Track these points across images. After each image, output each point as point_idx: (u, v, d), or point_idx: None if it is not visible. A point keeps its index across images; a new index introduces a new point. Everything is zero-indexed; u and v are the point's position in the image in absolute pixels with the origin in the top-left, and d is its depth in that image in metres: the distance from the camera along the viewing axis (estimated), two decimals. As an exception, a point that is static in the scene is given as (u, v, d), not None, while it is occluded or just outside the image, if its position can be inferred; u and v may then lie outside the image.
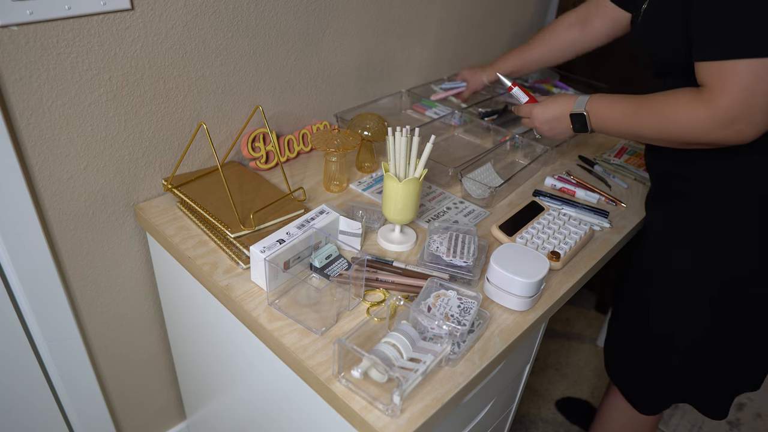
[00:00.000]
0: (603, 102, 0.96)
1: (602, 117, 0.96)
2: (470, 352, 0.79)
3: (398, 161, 0.92)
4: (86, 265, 1.02)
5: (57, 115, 0.87)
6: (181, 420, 1.42)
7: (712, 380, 1.07)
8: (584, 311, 2.11)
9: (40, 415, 1.11)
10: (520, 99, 1.16)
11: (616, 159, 1.30)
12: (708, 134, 0.80)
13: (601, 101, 0.96)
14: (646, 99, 0.89)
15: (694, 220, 0.97)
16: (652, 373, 1.11)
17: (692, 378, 1.07)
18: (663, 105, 0.85)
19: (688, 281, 1.00)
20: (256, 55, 1.09)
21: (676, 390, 1.11)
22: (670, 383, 1.10)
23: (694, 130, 0.81)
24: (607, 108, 0.95)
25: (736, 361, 1.04)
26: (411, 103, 1.49)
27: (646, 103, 0.88)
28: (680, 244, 1.00)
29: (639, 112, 0.89)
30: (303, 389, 0.80)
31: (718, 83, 0.76)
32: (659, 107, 0.86)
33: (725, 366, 1.04)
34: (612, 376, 1.21)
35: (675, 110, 0.83)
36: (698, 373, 1.06)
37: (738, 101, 0.75)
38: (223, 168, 1.11)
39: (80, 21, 0.83)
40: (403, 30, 1.38)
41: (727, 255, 0.94)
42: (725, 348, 1.02)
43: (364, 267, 0.87)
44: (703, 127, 0.80)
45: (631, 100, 0.91)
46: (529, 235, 0.99)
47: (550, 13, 1.88)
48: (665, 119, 0.85)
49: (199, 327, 1.04)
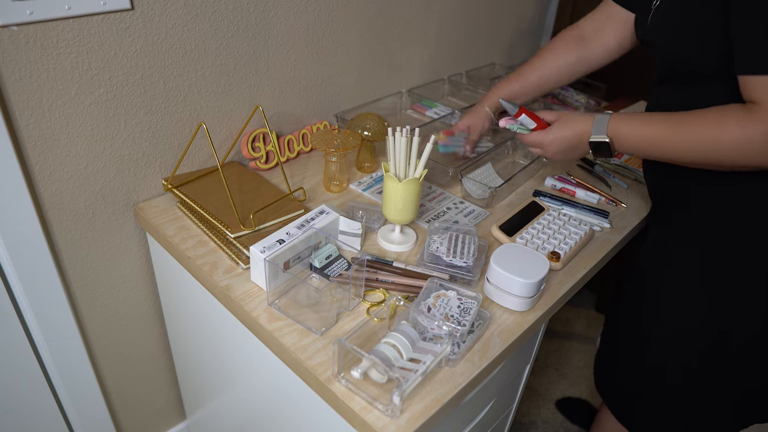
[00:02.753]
0: (628, 125, 0.85)
1: (629, 142, 0.85)
2: (470, 352, 0.79)
3: (398, 161, 0.92)
4: (86, 265, 1.02)
5: (57, 115, 0.87)
6: (181, 420, 1.42)
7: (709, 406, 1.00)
8: (584, 311, 2.11)
9: (40, 415, 1.11)
10: (528, 126, 0.98)
11: (616, 159, 1.30)
12: (762, 156, 0.72)
13: (625, 124, 0.85)
14: (682, 120, 0.79)
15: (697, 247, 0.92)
16: (644, 394, 1.05)
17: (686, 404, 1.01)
18: (705, 126, 0.76)
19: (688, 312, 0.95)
20: (256, 55, 1.09)
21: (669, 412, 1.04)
22: (664, 406, 1.04)
23: (748, 153, 0.73)
24: (635, 132, 0.84)
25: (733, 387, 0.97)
26: (411, 103, 1.49)
27: (684, 125, 0.79)
28: (681, 270, 0.95)
29: (675, 134, 0.79)
30: (303, 389, 0.79)
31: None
32: (701, 129, 0.76)
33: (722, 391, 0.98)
34: (603, 394, 1.16)
35: (722, 132, 0.74)
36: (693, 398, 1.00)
37: None
38: (223, 168, 1.11)
39: (80, 21, 0.83)
40: (403, 30, 1.38)
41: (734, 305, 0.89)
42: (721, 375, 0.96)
43: (364, 267, 0.87)
44: (759, 149, 0.72)
45: (663, 122, 0.81)
46: (529, 236, 0.99)
47: (550, 13, 1.88)
48: (710, 142, 0.76)
49: (199, 327, 1.04)
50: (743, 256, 0.87)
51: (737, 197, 0.85)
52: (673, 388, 1.00)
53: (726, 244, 0.89)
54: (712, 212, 0.89)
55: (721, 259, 0.90)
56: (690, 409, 1.01)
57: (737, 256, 0.88)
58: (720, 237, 0.89)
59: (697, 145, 0.77)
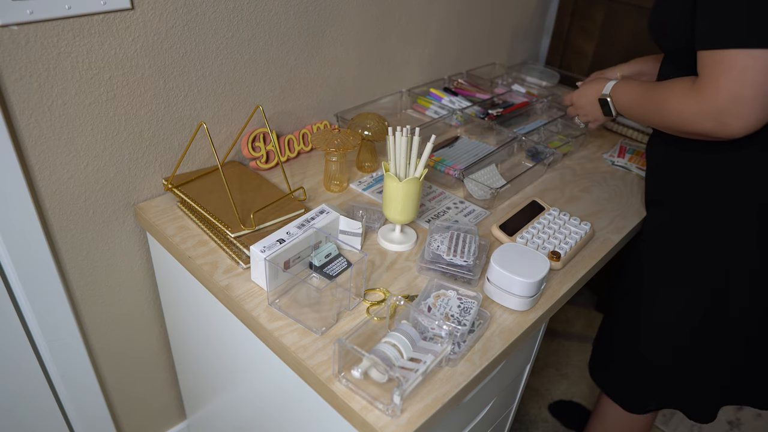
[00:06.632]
0: (622, 88, 0.99)
1: (620, 102, 0.99)
2: (470, 352, 0.79)
3: (398, 161, 0.92)
4: (86, 264, 1.02)
5: (57, 114, 0.87)
6: (181, 419, 1.42)
7: (699, 383, 1.05)
8: (584, 311, 2.11)
9: (40, 415, 1.11)
10: None
11: (620, 159, 1.30)
12: (696, 124, 0.80)
13: (621, 87, 0.99)
14: (652, 86, 0.90)
15: (687, 219, 0.96)
16: (635, 372, 1.10)
17: (678, 379, 1.06)
18: (662, 92, 0.86)
19: (682, 283, 0.99)
20: (256, 55, 1.09)
21: (660, 390, 1.10)
22: (654, 383, 1.09)
23: (685, 120, 0.81)
24: (624, 93, 0.98)
25: (723, 365, 1.02)
26: (411, 103, 1.49)
27: (651, 90, 0.89)
28: (675, 245, 0.99)
29: (644, 98, 0.91)
30: (303, 389, 0.79)
31: (709, 73, 0.76)
32: (659, 94, 0.87)
33: (712, 369, 1.03)
34: (593, 373, 1.22)
35: (670, 98, 0.84)
36: (685, 374, 1.05)
37: (724, 92, 0.73)
38: (224, 168, 1.11)
39: (80, 20, 0.83)
40: (403, 30, 1.38)
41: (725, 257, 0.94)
42: (713, 351, 1.01)
43: (364, 266, 0.87)
44: (692, 117, 0.80)
45: (641, 87, 0.93)
46: (529, 235, 0.99)
47: (550, 14, 1.88)
48: (663, 106, 0.85)
49: (199, 327, 1.04)
50: (732, 223, 0.92)
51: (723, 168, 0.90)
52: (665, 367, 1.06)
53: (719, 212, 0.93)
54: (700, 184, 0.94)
55: (711, 228, 0.94)
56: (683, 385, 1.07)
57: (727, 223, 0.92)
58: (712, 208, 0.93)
59: (656, 110, 0.88)
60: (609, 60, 1.77)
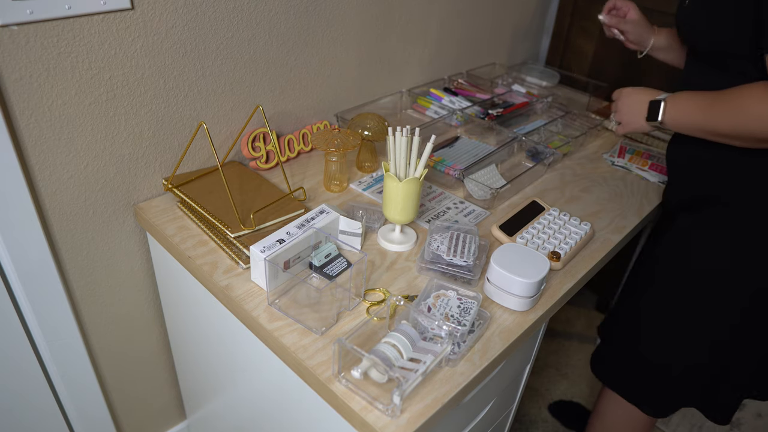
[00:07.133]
0: (683, 95, 0.93)
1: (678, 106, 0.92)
2: (470, 352, 0.79)
3: (398, 161, 0.92)
4: (86, 264, 1.02)
5: (57, 114, 0.87)
6: (181, 419, 1.42)
7: (721, 386, 1.06)
8: (584, 311, 2.11)
9: (40, 415, 1.11)
10: None
11: (620, 160, 1.30)
12: None
13: (681, 94, 0.94)
14: (719, 93, 0.85)
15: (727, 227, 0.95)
16: (659, 376, 1.09)
17: (700, 383, 1.06)
18: (739, 97, 0.81)
19: (716, 286, 0.98)
20: (256, 55, 1.09)
21: (683, 394, 1.10)
22: (678, 387, 1.09)
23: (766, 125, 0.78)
24: (684, 99, 0.91)
25: (746, 367, 1.03)
26: (411, 103, 1.49)
27: (720, 96, 0.85)
28: (709, 249, 0.98)
29: (714, 103, 0.85)
30: (303, 389, 0.79)
31: None
32: (733, 99, 0.82)
33: (737, 372, 1.03)
34: (612, 381, 1.19)
35: (751, 103, 0.79)
36: (709, 378, 1.05)
37: None
38: (224, 168, 1.11)
39: (80, 20, 0.83)
40: (403, 30, 1.38)
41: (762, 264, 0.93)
42: (740, 354, 1.01)
43: (364, 266, 0.87)
44: None
45: (706, 94, 0.88)
46: (529, 235, 0.99)
47: (550, 14, 1.88)
48: (742, 111, 0.81)
49: (199, 327, 1.04)
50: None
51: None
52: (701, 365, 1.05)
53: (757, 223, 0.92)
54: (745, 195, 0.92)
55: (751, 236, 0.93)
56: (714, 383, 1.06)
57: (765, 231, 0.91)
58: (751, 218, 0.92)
59: (732, 115, 0.82)
60: (609, 60, 1.76)
